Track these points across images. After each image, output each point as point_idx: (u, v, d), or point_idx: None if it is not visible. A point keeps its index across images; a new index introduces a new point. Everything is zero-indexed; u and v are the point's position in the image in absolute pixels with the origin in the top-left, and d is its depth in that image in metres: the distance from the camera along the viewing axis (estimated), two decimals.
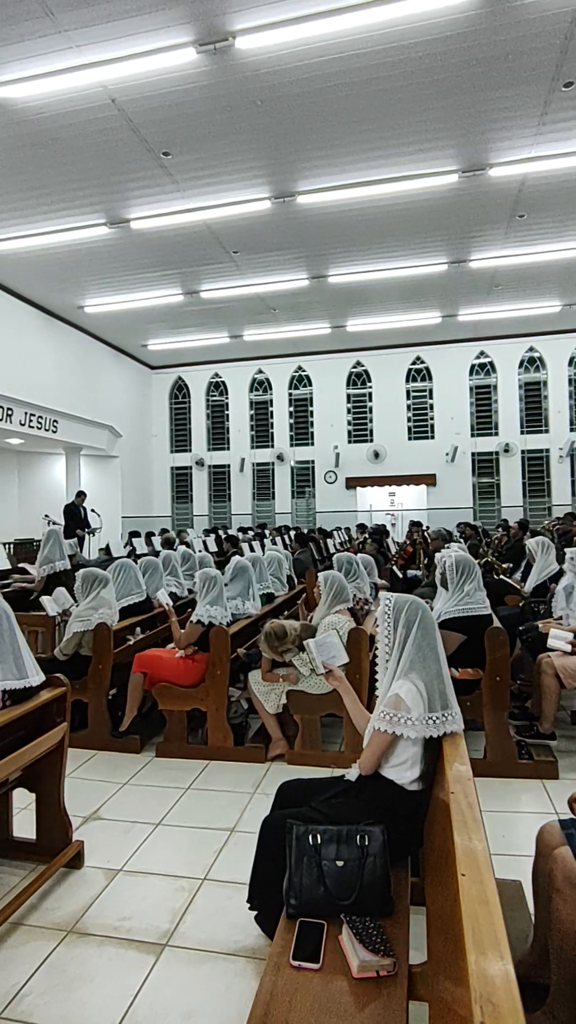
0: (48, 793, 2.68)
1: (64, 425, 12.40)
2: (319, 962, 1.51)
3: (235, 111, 6.66)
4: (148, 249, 10.00)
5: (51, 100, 6.41)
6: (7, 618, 2.55)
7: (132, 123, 6.83)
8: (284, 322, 13.93)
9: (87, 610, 4.14)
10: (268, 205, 8.59)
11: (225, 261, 10.58)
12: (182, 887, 2.51)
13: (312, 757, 3.68)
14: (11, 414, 10.88)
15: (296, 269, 11.04)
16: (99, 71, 5.97)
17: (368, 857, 1.72)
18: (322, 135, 7.12)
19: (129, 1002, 1.92)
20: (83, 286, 11.60)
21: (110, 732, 4.04)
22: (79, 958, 2.12)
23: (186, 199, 8.49)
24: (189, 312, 13.04)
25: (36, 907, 2.39)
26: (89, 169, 7.73)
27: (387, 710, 2.01)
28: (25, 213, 8.81)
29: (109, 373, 15.21)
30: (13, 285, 11.46)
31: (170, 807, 3.21)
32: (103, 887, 2.52)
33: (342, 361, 16.31)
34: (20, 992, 1.97)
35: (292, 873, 1.72)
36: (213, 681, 3.85)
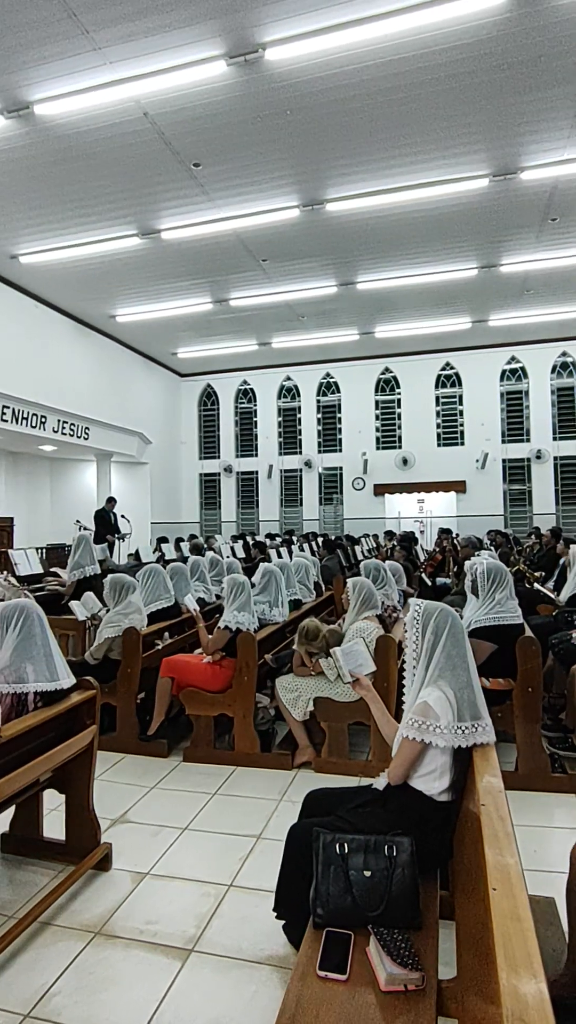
0: (77, 795, 2.71)
1: (95, 432, 12.62)
2: (346, 973, 1.49)
3: (264, 121, 6.73)
4: (178, 259, 10.15)
5: (86, 116, 6.58)
6: (40, 621, 2.60)
7: (164, 136, 6.96)
8: (312, 329, 13.97)
9: (117, 615, 4.20)
10: (297, 213, 8.64)
11: (254, 269, 10.67)
12: (208, 893, 2.51)
13: (339, 765, 3.65)
14: (44, 421, 11.12)
15: (324, 276, 11.07)
16: (132, 86, 6.10)
17: (396, 868, 1.69)
18: (351, 142, 7.15)
19: (155, 1007, 1.92)
20: (115, 296, 11.83)
21: (138, 736, 4.07)
22: (106, 960, 2.13)
23: (216, 209, 8.60)
24: (218, 320, 13.18)
25: (65, 908, 2.41)
26: (122, 182, 7.89)
27: (416, 717, 1.98)
28: (60, 226, 9.03)
29: (139, 381, 15.45)
30: (48, 296, 11.74)
31: (197, 812, 3.21)
32: (130, 890, 2.53)
33: (370, 367, 16.26)
34: (49, 992, 1.99)
35: (319, 882, 1.71)
36: (240, 687, 3.86)
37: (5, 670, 2.48)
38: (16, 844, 2.80)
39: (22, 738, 2.37)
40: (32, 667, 2.51)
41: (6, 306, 10.91)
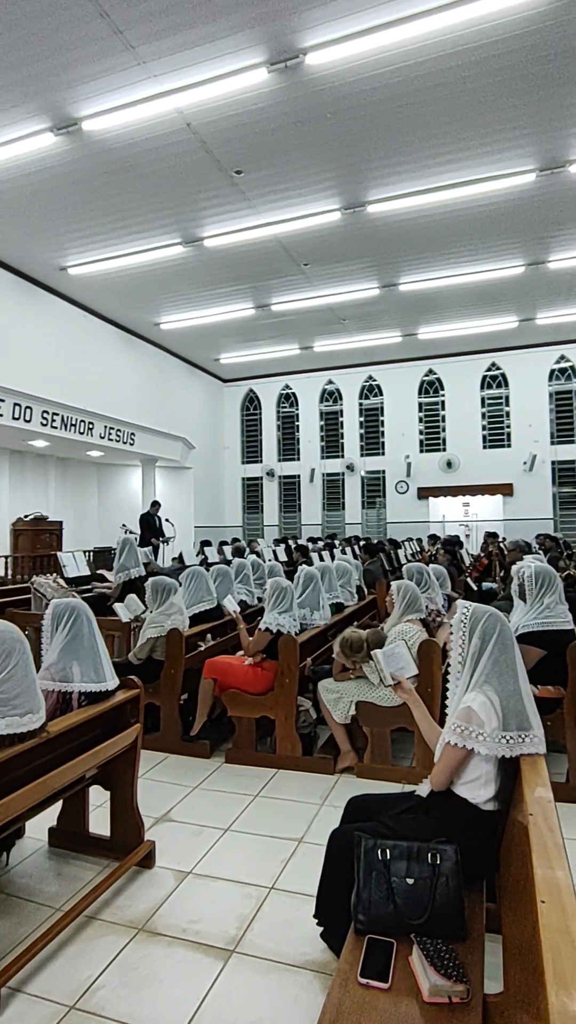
0: (122, 792, 2.75)
1: (141, 438, 12.88)
2: (388, 981, 1.46)
3: (305, 125, 6.76)
4: (221, 265, 10.28)
5: (131, 129, 6.75)
6: (89, 622, 2.66)
7: (206, 145, 7.07)
8: (354, 332, 13.92)
9: (160, 616, 4.26)
10: (338, 216, 8.64)
11: (296, 274, 10.71)
12: (249, 894, 2.51)
13: (382, 771, 3.60)
14: (92, 428, 11.42)
15: (366, 279, 11.02)
16: (175, 98, 6.22)
17: (440, 877, 1.65)
18: (393, 143, 7.10)
19: (196, 1006, 1.93)
20: (159, 304, 12.07)
21: (181, 736, 4.12)
22: (149, 957, 2.15)
23: (257, 215, 8.67)
24: (260, 325, 13.28)
25: (109, 903, 2.45)
26: (165, 192, 8.05)
27: (458, 723, 1.93)
28: (106, 237, 9.28)
29: (183, 387, 15.70)
30: (95, 305, 12.07)
31: (239, 813, 3.22)
32: (173, 888, 2.56)
33: (414, 369, 16.08)
34: (93, 985, 2.02)
35: (360, 888, 1.68)
36: (282, 690, 3.85)
37: (52, 667, 2.55)
38: (63, 838, 2.87)
39: (68, 735, 2.42)
40: (79, 666, 2.57)
41: (55, 317, 11.27)
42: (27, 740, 2.12)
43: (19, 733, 2.06)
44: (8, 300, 10.23)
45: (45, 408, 10.19)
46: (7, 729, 2.03)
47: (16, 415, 9.62)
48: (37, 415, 10.05)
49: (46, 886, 2.57)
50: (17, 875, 2.65)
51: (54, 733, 2.26)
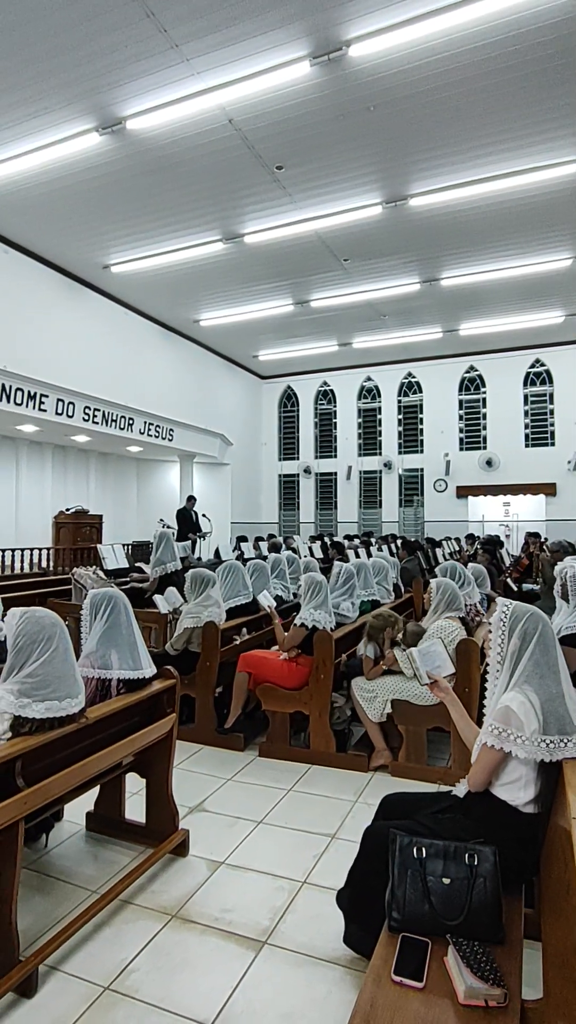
0: (157, 780, 2.79)
1: (179, 434, 13.03)
2: (422, 981, 1.43)
3: (348, 119, 6.70)
4: (261, 262, 10.30)
5: (174, 127, 6.81)
6: (126, 611, 2.70)
7: (247, 141, 7.08)
8: (394, 328, 13.77)
9: (197, 607, 4.30)
10: (379, 210, 8.55)
11: (336, 269, 10.65)
12: (282, 887, 2.51)
13: (417, 771, 3.56)
14: (132, 423, 11.61)
15: (407, 273, 10.88)
16: (218, 94, 6.25)
17: (477, 878, 1.61)
18: (435, 134, 6.98)
19: (228, 994, 1.94)
20: (199, 301, 12.17)
21: (215, 728, 4.15)
22: (182, 944, 2.18)
23: (298, 210, 8.65)
24: (299, 321, 13.26)
25: (144, 888, 2.49)
26: (207, 189, 8.11)
27: (496, 724, 1.88)
28: (148, 235, 9.41)
29: (222, 383, 15.81)
30: (136, 303, 12.26)
31: (272, 807, 3.23)
32: (206, 877, 2.58)
33: (454, 366, 15.81)
34: (127, 968, 2.05)
35: (395, 886, 1.66)
36: (317, 685, 3.84)
37: (92, 655, 2.59)
38: (99, 823, 2.92)
39: (106, 722, 2.46)
40: (117, 654, 2.61)
41: (98, 314, 11.49)
42: (67, 724, 2.16)
43: (59, 717, 2.11)
44: (53, 298, 10.48)
45: (87, 404, 10.40)
46: (47, 713, 2.07)
47: (59, 410, 9.85)
48: (79, 411, 10.27)
49: (83, 868, 2.62)
50: (55, 857, 2.71)
51: (93, 719, 2.30)
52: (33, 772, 2.08)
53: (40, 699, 2.06)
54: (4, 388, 8.83)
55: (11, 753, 1.98)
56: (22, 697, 2.05)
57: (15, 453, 11.96)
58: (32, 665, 2.07)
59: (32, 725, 2.05)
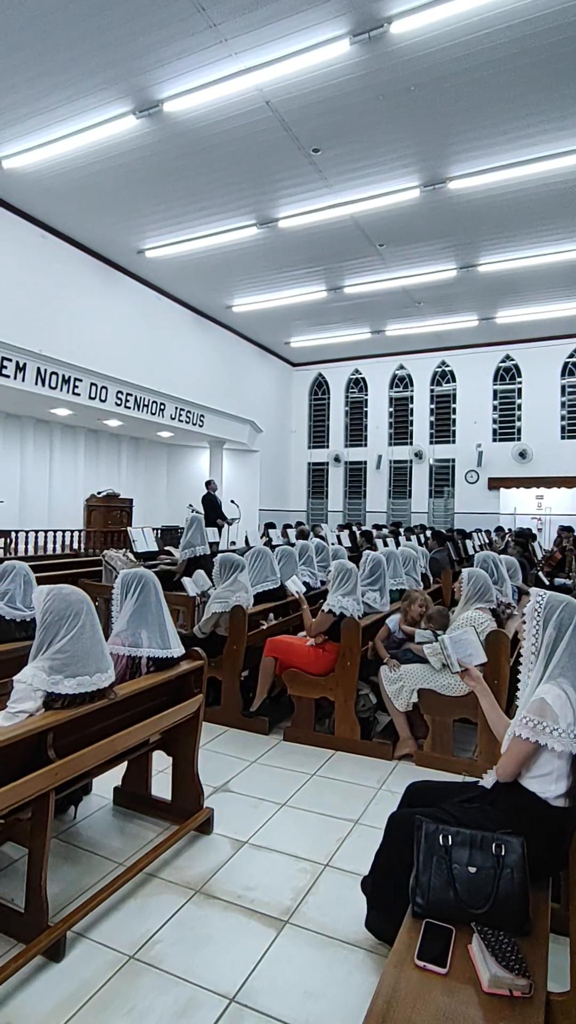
0: (184, 758, 2.83)
1: (210, 420, 13.08)
2: (446, 967, 1.43)
3: (387, 99, 6.56)
4: (295, 247, 10.21)
5: (210, 109, 6.76)
6: (156, 591, 2.72)
7: (284, 122, 7.00)
8: (429, 315, 13.53)
9: (225, 592, 4.32)
10: (417, 194, 8.38)
11: (370, 255, 10.50)
12: (304, 869, 2.53)
13: (442, 761, 3.53)
14: (163, 408, 11.69)
15: (444, 259, 10.66)
16: (256, 75, 6.18)
17: (504, 868, 1.59)
18: (477, 114, 6.79)
19: (250, 969, 1.97)
20: (232, 286, 12.14)
21: (241, 711, 4.18)
22: (205, 918, 2.21)
23: (334, 194, 8.54)
24: (332, 308, 13.14)
25: (169, 863, 2.53)
26: (242, 172, 8.05)
27: (531, 716, 1.85)
28: (183, 219, 9.40)
29: (253, 370, 15.80)
30: (169, 288, 12.29)
31: (295, 790, 3.24)
32: (230, 855, 2.61)
33: (489, 355, 15.49)
34: (152, 939, 2.10)
35: (420, 872, 1.65)
36: (343, 672, 3.83)
37: (122, 633, 2.63)
38: (126, 799, 2.98)
39: (135, 699, 2.50)
40: (146, 633, 2.64)
41: (131, 299, 11.56)
42: (97, 700, 2.20)
43: (89, 692, 2.14)
44: (88, 283, 10.57)
45: (120, 388, 10.50)
46: (78, 688, 2.11)
47: (92, 395, 9.97)
48: (112, 395, 10.38)
49: (110, 841, 2.68)
50: (83, 828, 2.78)
51: (121, 696, 2.34)
52: (64, 745, 2.13)
53: (71, 675, 2.10)
54: (39, 372, 8.97)
55: (43, 726, 2.03)
56: (54, 674, 2.08)
57: (49, 436, 12.17)
58: (61, 641, 2.10)
59: (64, 700, 2.09)
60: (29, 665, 2.11)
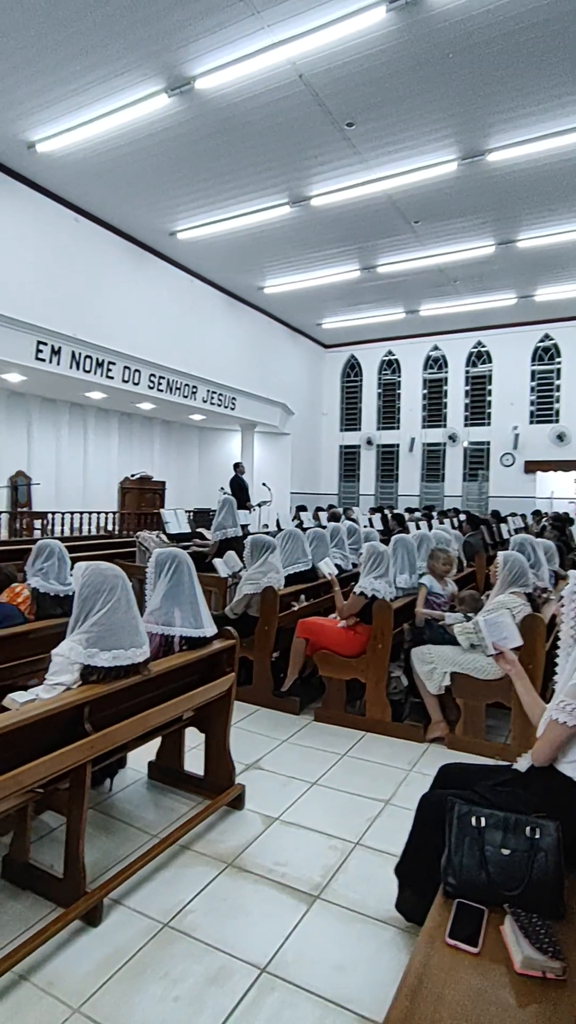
0: (216, 735, 2.87)
1: (241, 402, 13.07)
2: (478, 946, 1.42)
3: (424, 68, 6.36)
4: (327, 225, 10.05)
5: (243, 85, 6.66)
6: (189, 571, 2.75)
7: (318, 97, 6.85)
8: (465, 294, 13.22)
9: (256, 573, 4.34)
10: (454, 167, 8.14)
11: (405, 232, 10.27)
12: (334, 846, 2.55)
13: (474, 744, 3.51)
14: (195, 392, 11.73)
15: (481, 235, 10.36)
16: (289, 48, 6.06)
17: (538, 851, 1.57)
18: (518, 82, 6.54)
19: (281, 942, 2.00)
20: (263, 267, 12.05)
21: (272, 691, 4.22)
22: (237, 891, 2.25)
23: (368, 170, 8.36)
24: (365, 288, 12.94)
25: (201, 836, 2.58)
26: (275, 149, 7.93)
27: (569, 700, 1.80)
28: (215, 200, 9.34)
29: (284, 352, 15.70)
30: (201, 270, 12.26)
31: (326, 770, 3.26)
32: (261, 831, 2.64)
33: (528, 334, 15.06)
34: (185, 908, 2.14)
35: (451, 852, 1.64)
36: (374, 654, 3.82)
37: (156, 612, 2.66)
38: (160, 773, 3.04)
39: (168, 677, 2.54)
40: (179, 612, 2.67)
41: (164, 282, 11.57)
42: (131, 675, 2.24)
43: (123, 666, 2.18)
44: (121, 266, 10.62)
45: (152, 371, 10.57)
46: (114, 661, 2.15)
47: (126, 378, 10.06)
48: (145, 378, 10.45)
49: (144, 813, 2.74)
50: (119, 800, 2.85)
51: (155, 672, 2.37)
52: (100, 719, 2.18)
53: (106, 648, 2.14)
54: (74, 356, 9.08)
55: (80, 699, 2.08)
56: (90, 647, 2.13)
57: (84, 420, 12.35)
58: (97, 614, 2.15)
59: (100, 674, 2.13)
60: (67, 639, 2.16)
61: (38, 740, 1.97)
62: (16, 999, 1.76)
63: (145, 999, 1.77)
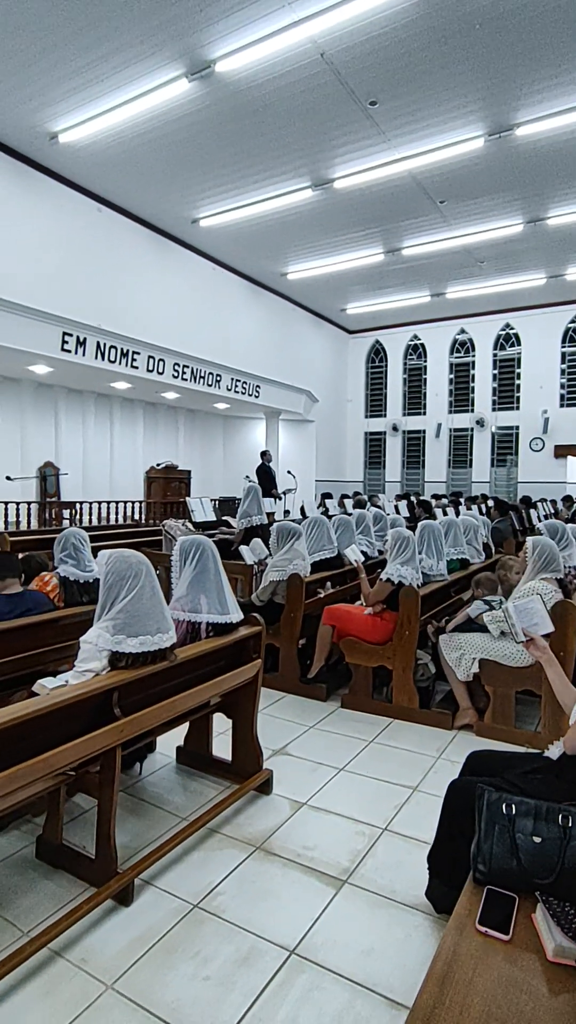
0: (243, 721, 2.88)
1: (265, 390, 13.03)
2: (508, 934, 1.40)
3: (449, 41, 6.18)
4: (350, 208, 9.90)
5: (264, 66, 6.57)
6: (214, 558, 2.75)
7: (340, 75, 6.72)
8: (492, 275, 12.93)
9: (282, 560, 4.34)
10: (481, 144, 7.92)
11: (430, 213, 10.06)
12: (362, 832, 2.55)
13: (503, 732, 3.47)
14: (219, 380, 11.72)
15: (509, 213, 10.10)
16: (310, 25, 5.94)
17: (572, 840, 1.54)
18: (549, 52, 6.31)
19: (309, 925, 2.01)
20: (286, 252, 11.94)
21: (299, 678, 4.23)
22: (266, 874, 2.27)
23: (392, 149, 8.19)
24: (389, 271, 12.74)
25: (230, 820, 2.60)
26: (296, 132, 7.82)
27: None
28: (236, 185, 9.26)
29: (308, 339, 15.58)
30: (223, 257, 12.20)
31: (353, 756, 3.26)
32: (288, 815, 2.66)
33: (558, 315, 14.68)
34: (215, 890, 2.17)
35: (481, 839, 1.62)
36: (401, 641, 3.80)
37: (182, 599, 2.68)
38: (188, 758, 3.08)
39: (195, 663, 2.56)
40: (206, 599, 2.68)
41: (186, 270, 11.55)
42: (159, 661, 2.25)
43: (151, 652, 2.20)
44: (144, 255, 10.62)
45: (176, 360, 10.58)
46: (141, 647, 2.17)
47: (150, 367, 10.09)
48: (169, 367, 10.48)
49: (173, 797, 2.78)
50: (148, 784, 2.89)
51: (182, 659, 2.39)
52: (129, 704, 2.20)
53: (133, 634, 2.16)
54: (99, 346, 9.13)
55: (109, 684, 2.10)
56: (117, 634, 2.15)
57: (109, 410, 12.46)
58: (122, 601, 2.16)
59: (128, 659, 2.16)
60: (94, 626, 2.19)
61: (69, 724, 2.00)
62: (51, 975, 1.80)
63: (176, 977, 1.80)
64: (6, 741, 1.80)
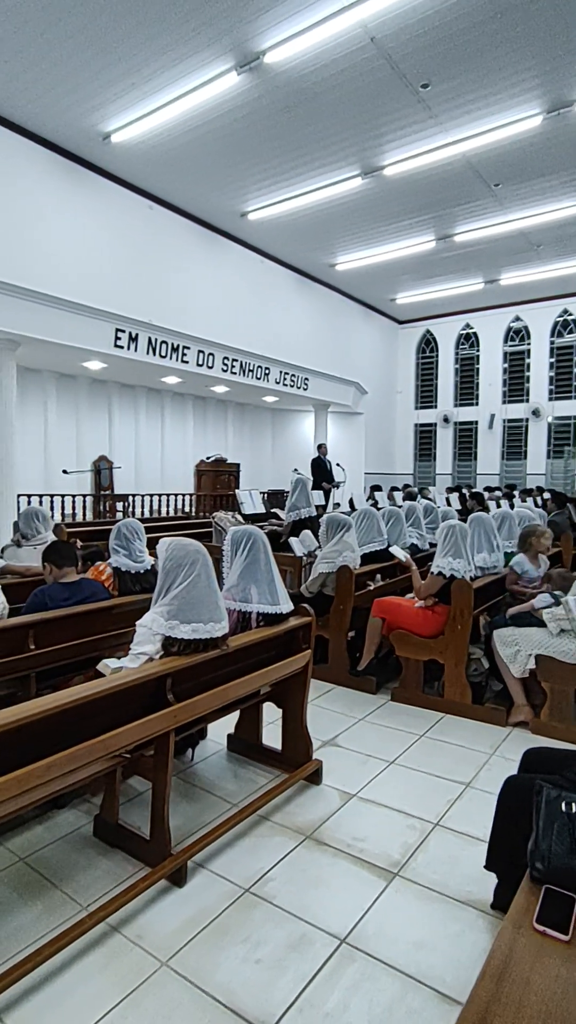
0: (293, 711, 2.89)
1: (314, 383, 13.00)
2: (568, 934, 1.36)
3: (504, 16, 5.96)
4: (401, 195, 9.72)
5: (313, 54, 6.50)
6: (265, 548, 2.77)
7: (391, 59, 6.58)
8: (549, 259, 12.46)
9: (332, 552, 4.33)
10: (539, 122, 7.63)
11: (484, 197, 9.77)
12: (413, 826, 2.52)
13: (560, 730, 3.36)
14: (268, 373, 11.76)
15: (569, 194, 9.68)
16: (359, 10, 5.84)
17: None
18: None
19: (360, 916, 2.00)
20: (335, 243, 11.83)
21: (348, 670, 4.21)
22: (316, 863, 2.27)
23: (444, 132, 7.98)
24: (441, 259, 12.46)
25: (280, 808, 2.62)
26: (346, 120, 7.72)
27: None
28: (285, 177, 9.22)
29: (357, 330, 15.43)
30: (272, 250, 12.19)
31: (404, 749, 3.23)
32: (338, 806, 2.66)
33: None
34: (265, 876, 2.19)
35: (539, 837, 1.57)
36: (453, 635, 3.73)
37: (232, 589, 2.71)
38: (239, 746, 3.12)
39: (246, 651, 2.58)
40: (256, 589, 2.70)
41: (235, 264, 11.61)
42: (210, 649, 2.29)
43: (202, 639, 2.23)
44: (193, 250, 10.74)
45: (226, 354, 10.68)
46: (193, 634, 2.20)
47: (200, 362, 10.22)
48: (219, 361, 10.58)
49: (224, 783, 2.82)
50: (200, 770, 2.95)
51: (233, 647, 2.42)
52: (181, 691, 2.25)
53: (186, 620, 2.20)
54: (150, 342, 9.31)
55: (162, 671, 2.15)
56: (171, 619, 2.20)
57: (160, 405, 12.70)
58: (178, 587, 2.21)
59: (180, 645, 2.20)
60: (150, 610, 2.24)
61: (125, 708, 2.06)
62: (109, 948, 1.86)
63: (228, 959, 1.83)
64: (67, 722, 1.86)
